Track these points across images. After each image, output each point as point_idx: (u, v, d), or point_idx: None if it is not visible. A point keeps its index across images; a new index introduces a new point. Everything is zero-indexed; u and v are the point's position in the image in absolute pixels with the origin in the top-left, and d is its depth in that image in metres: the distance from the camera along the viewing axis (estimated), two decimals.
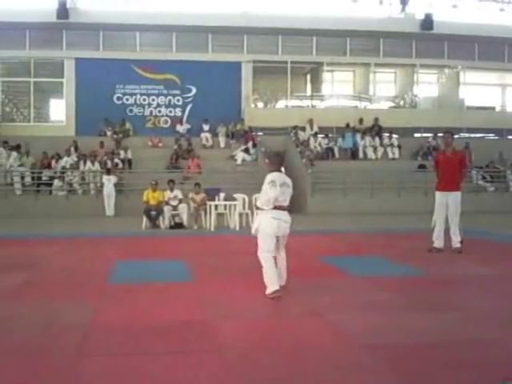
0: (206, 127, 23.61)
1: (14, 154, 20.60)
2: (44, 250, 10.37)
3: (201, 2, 24.62)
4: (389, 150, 23.35)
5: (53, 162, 20.63)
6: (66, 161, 20.60)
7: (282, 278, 6.46)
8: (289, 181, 6.56)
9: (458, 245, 9.71)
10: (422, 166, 21.58)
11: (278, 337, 4.94)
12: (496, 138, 26.87)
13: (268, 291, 6.23)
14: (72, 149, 21.16)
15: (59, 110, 25.17)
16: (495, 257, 9.69)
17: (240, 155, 22.01)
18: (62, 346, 4.57)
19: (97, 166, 20.41)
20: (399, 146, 23.44)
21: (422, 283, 7.33)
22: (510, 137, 26.56)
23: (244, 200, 14.96)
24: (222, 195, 15.28)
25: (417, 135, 25.92)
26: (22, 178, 20.30)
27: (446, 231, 9.84)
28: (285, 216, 6.45)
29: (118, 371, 4.03)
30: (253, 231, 6.56)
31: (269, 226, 6.34)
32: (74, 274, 7.96)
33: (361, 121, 24.38)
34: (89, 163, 20.40)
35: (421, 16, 25.53)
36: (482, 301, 6.34)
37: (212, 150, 23.02)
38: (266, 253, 6.34)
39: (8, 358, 4.27)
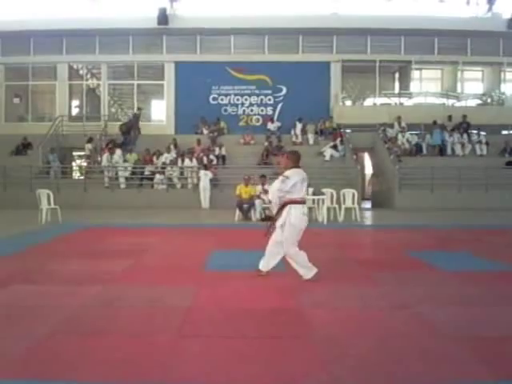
0: (299, 125, 23.59)
1: (119, 151, 21.40)
2: (146, 239, 10.73)
3: (291, 5, 24.68)
4: (477, 146, 22.53)
5: (154, 158, 21.28)
6: (166, 157, 21.19)
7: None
8: (305, 175, 6.70)
9: None
10: (509, 163, 20.80)
11: (365, 326, 4.88)
12: None
13: (310, 275, 6.50)
14: (172, 146, 21.72)
15: (160, 110, 25.94)
16: None
17: (328, 152, 21.87)
18: (164, 327, 4.71)
19: (194, 161, 20.85)
20: (487, 143, 22.59)
21: (509, 278, 7.02)
22: None
23: (332, 195, 14.82)
24: (310, 190, 15.21)
25: (504, 132, 25.02)
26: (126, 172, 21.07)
27: None
28: (304, 209, 6.65)
29: (214, 351, 4.11)
30: (279, 224, 6.62)
31: (299, 220, 6.50)
32: (174, 261, 8.18)
33: (450, 118, 23.66)
34: (187, 159, 20.88)
35: (507, 15, 24.66)
36: None
37: (301, 146, 22.93)
38: (293, 245, 6.55)
39: (114, 337, 4.44)
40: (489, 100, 26.63)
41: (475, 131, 23.24)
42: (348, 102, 26.80)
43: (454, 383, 3.61)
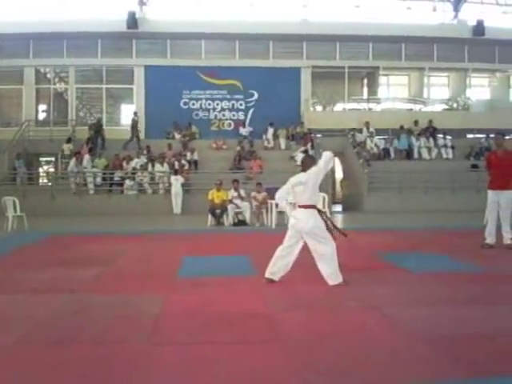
0: (270, 130, 23.64)
1: (87, 156, 21.08)
2: (116, 246, 10.57)
3: (262, 11, 24.75)
4: (443, 150, 23.00)
5: (124, 164, 21.05)
6: (137, 162, 20.98)
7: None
8: (306, 177, 6.54)
9: (510, 241, 9.54)
10: (474, 166, 21.19)
11: (337, 328, 4.88)
12: None
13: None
14: (145, 151, 21.51)
15: (130, 115, 25.67)
16: None
17: (299, 156, 21.82)
18: (134, 335, 4.64)
19: (165, 167, 20.70)
20: (453, 147, 23.09)
21: (475, 278, 7.12)
22: None
23: None
24: None
25: (469, 136, 25.58)
26: (95, 178, 20.77)
27: (498, 228, 9.65)
28: (298, 214, 6.52)
29: (186, 359, 4.06)
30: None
31: (292, 223, 6.55)
32: (145, 268, 8.07)
33: (416, 123, 24.02)
34: (157, 164, 20.72)
35: (473, 22, 25.20)
36: None
37: (273, 151, 23.05)
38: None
39: (83, 346, 4.34)
40: (455, 105, 27.19)
41: (441, 135, 23.63)
42: (318, 107, 27.00)
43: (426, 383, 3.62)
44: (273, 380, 3.66)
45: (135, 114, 23.41)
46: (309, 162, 6.70)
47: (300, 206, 6.52)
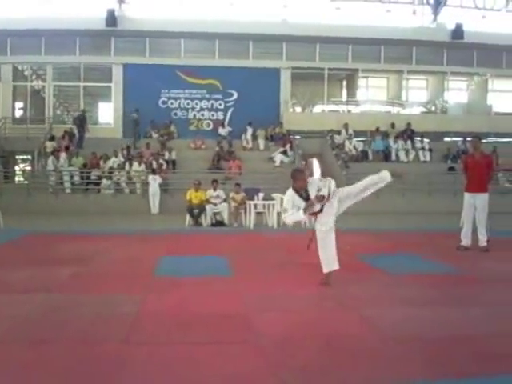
0: (249, 130, 23.66)
1: (64, 154, 20.89)
2: (93, 246, 10.48)
3: (242, 11, 24.76)
4: (420, 153, 23.22)
5: (101, 162, 20.89)
6: (114, 161, 20.84)
7: None
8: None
9: (485, 243, 9.68)
10: (451, 169, 21.43)
11: (313, 329, 4.94)
12: None
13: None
14: (124, 151, 21.39)
15: (108, 113, 25.54)
16: None
17: (278, 157, 22.02)
18: (111, 335, 4.64)
19: (142, 166, 20.61)
20: (430, 150, 23.31)
21: (451, 279, 7.25)
22: None
23: (282, 200, 14.85)
24: (260, 195, 15.29)
25: (447, 139, 25.81)
26: (72, 177, 20.59)
27: (474, 230, 9.81)
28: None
29: (163, 359, 4.08)
30: None
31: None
32: (122, 268, 8.06)
33: (392, 125, 24.20)
34: (135, 164, 20.62)
35: (452, 26, 25.37)
36: (507, 296, 6.29)
37: (252, 152, 23.08)
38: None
39: (59, 346, 4.35)
40: (433, 108, 27.42)
41: (419, 138, 23.86)
42: (297, 109, 27.10)
43: None
44: (249, 380, 3.69)
45: (136, 111, 23.29)
46: (298, 176, 6.61)
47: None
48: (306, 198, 6.49)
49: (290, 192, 6.59)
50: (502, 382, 3.71)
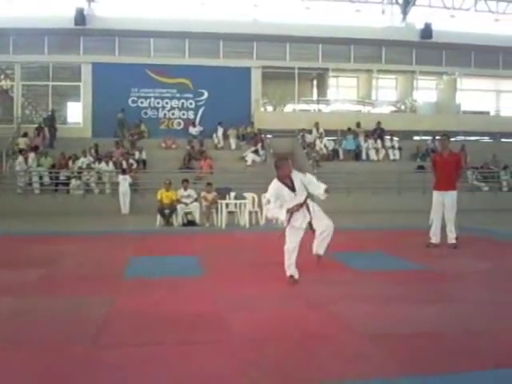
0: (220, 129, 23.60)
1: (32, 154, 20.58)
2: (61, 247, 10.35)
3: (213, 10, 24.70)
4: (390, 151, 23.43)
5: (70, 163, 20.61)
6: (83, 161, 20.58)
7: None
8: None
9: (454, 241, 9.84)
10: (420, 167, 21.62)
11: (283, 327, 4.95)
12: (490, 140, 26.94)
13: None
14: (92, 150, 21.15)
15: (77, 113, 25.22)
16: (488, 252, 9.76)
17: (250, 156, 22.01)
18: (79, 338, 4.58)
19: (110, 165, 20.37)
20: (400, 148, 23.52)
21: (421, 276, 7.34)
22: (503, 140, 26.52)
23: (253, 199, 14.92)
24: (232, 194, 15.27)
25: (416, 138, 26.02)
26: (41, 177, 20.29)
27: (443, 228, 9.96)
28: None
29: (132, 361, 4.04)
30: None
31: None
32: (91, 270, 7.96)
33: (358, 124, 24.29)
34: (103, 163, 20.39)
35: (421, 25, 25.63)
36: (476, 293, 6.38)
37: (223, 151, 23.02)
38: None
39: (26, 350, 4.27)
40: (402, 107, 27.70)
41: (389, 137, 24.06)
42: (269, 108, 27.13)
43: (371, 381, 3.70)
44: (220, 380, 3.68)
45: (122, 110, 22.93)
46: (281, 164, 6.62)
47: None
48: (292, 188, 6.47)
49: (275, 183, 6.53)
50: (468, 378, 3.75)
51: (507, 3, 27.51)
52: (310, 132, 23.80)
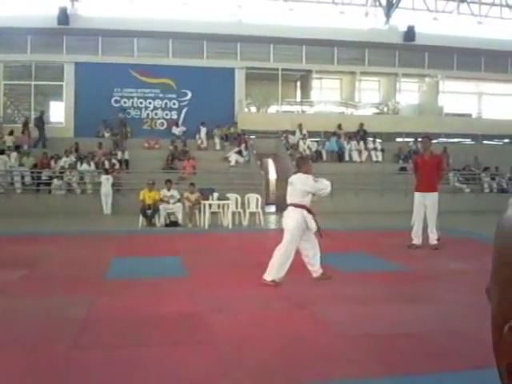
0: (203, 130, 23.52)
1: (14, 154, 20.39)
2: (42, 247, 10.26)
3: (196, 11, 24.64)
4: (373, 153, 23.51)
5: (52, 163, 20.44)
6: (65, 161, 20.42)
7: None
8: (295, 179, 7.14)
9: (435, 242, 9.90)
10: (403, 169, 21.77)
11: (265, 328, 4.94)
12: (472, 142, 27.09)
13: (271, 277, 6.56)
14: (73, 149, 20.99)
15: (59, 112, 25.02)
16: (469, 253, 9.79)
17: (233, 157, 21.98)
18: (59, 339, 4.54)
19: (92, 166, 20.24)
20: (382, 150, 23.61)
21: (402, 277, 7.39)
22: (485, 142, 26.79)
23: (236, 200, 14.91)
24: (215, 195, 15.24)
25: (399, 140, 26.11)
26: (23, 177, 20.10)
27: (424, 229, 10.01)
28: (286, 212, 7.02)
29: (113, 363, 4.01)
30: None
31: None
32: (72, 270, 7.88)
33: (339, 126, 24.36)
34: (85, 163, 20.24)
35: (404, 28, 25.74)
36: (457, 294, 6.40)
37: (206, 151, 22.96)
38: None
39: (6, 351, 4.23)
40: (385, 109, 27.82)
41: (371, 138, 24.17)
42: (252, 109, 27.13)
43: (351, 382, 3.70)
44: (202, 381, 3.66)
45: (124, 110, 22.69)
46: (300, 163, 7.29)
47: (296, 206, 6.93)
48: None
49: (307, 175, 6.98)
50: (449, 379, 3.77)
51: (489, 6, 27.77)
52: (293, 133, 23.82)
